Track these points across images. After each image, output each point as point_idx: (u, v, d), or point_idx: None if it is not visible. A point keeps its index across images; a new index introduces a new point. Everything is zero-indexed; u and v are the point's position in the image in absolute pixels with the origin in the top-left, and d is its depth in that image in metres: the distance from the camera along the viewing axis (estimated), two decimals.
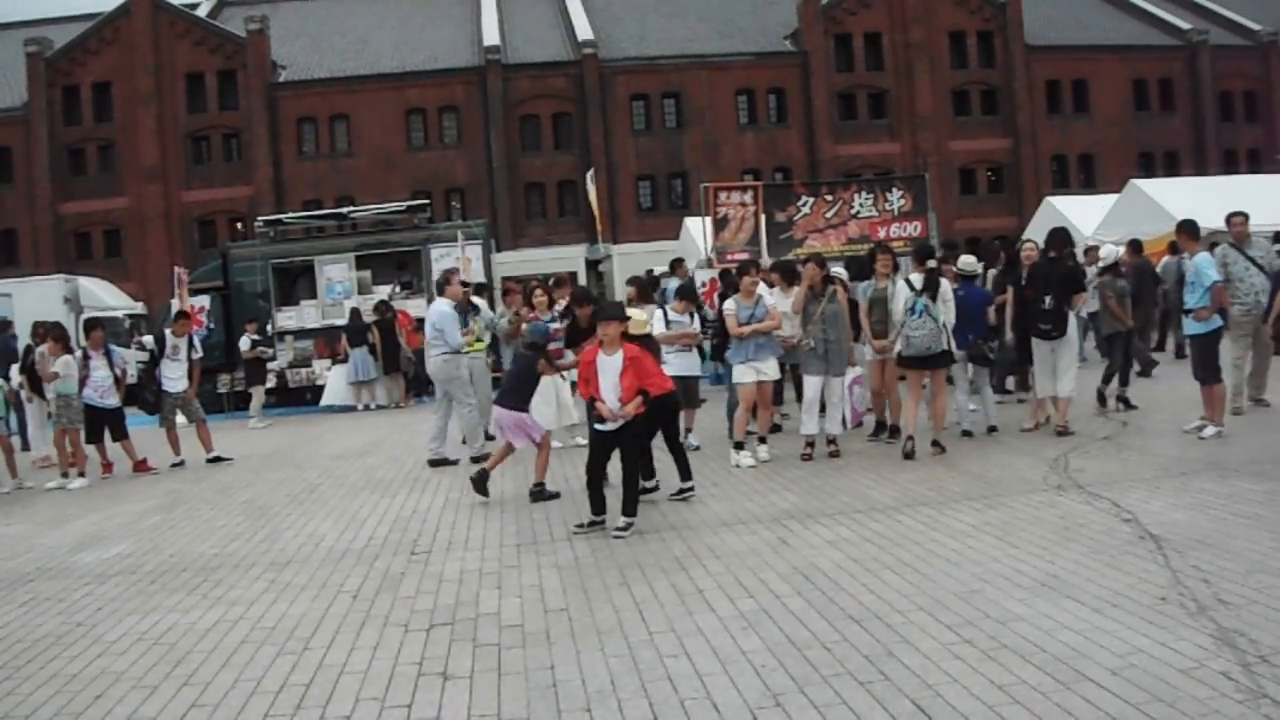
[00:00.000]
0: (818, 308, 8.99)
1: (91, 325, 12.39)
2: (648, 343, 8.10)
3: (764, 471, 8.55)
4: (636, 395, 6.72)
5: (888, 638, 4.34)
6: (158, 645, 5.01)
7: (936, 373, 8.98)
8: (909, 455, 8.51)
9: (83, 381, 11.20)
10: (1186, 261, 9.26)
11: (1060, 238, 10.11)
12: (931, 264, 9.52)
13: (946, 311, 8.87)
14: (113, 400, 11.43)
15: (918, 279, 8.96)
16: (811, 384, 8.99)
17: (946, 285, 9.09)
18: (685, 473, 7.61)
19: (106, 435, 11.40)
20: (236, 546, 7.23)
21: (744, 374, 8.94)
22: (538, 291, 10.49)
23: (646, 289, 11.61)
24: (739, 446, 8.95)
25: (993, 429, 9.59)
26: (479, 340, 11.35)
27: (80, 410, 11.14)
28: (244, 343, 17.30)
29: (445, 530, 7.21)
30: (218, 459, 11.75)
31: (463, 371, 10.35)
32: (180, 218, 36.41)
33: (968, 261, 10.05)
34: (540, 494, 8.00)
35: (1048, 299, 9.20)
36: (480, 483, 8.07)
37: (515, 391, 8.10)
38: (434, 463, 10.13)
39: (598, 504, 6.88)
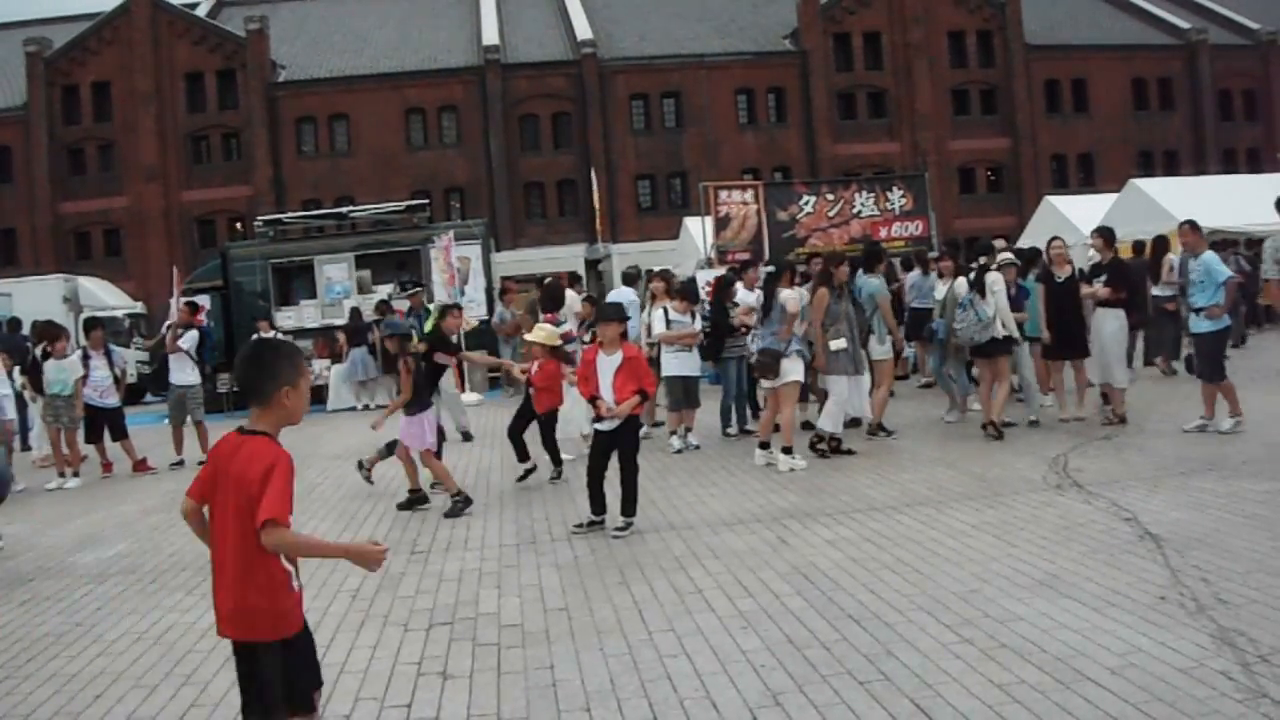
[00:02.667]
0: (841, 307, 9.03)
1: (92, 325, 12.38)
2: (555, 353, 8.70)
3: (764, 471, 8.55)
4: (634, 395, 6.72)
5: (887, 637, 4.34)
6: (157, 645, 5.01)
7: (994, 361, 9.40)
8: (997, 437, 9.19)
9: (82, 381, 11.18)
10: (1191, 260, 9.26)
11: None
12: (984, 260, 10.04)
13: (995, 304, 9.32)
14: (112, 400, 11.42)
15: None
16: (841, 384, 9.00)
17: (994, 279, 9.49)
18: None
19: (106, 435, 11.39)
20: None
21: (801, 370, 8.77)
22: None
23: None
24: (788, 450, 8.56)
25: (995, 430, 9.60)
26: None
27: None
28: None
29: (445, 530, 7.21)
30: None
31: None
32: (180, 217, 36.40)
33: (1005, 259, 10.30)
34: (414, 503, 8.01)
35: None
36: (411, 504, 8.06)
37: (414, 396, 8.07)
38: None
39: (598, 504, 6.88)
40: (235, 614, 2.90)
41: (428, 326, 11.96)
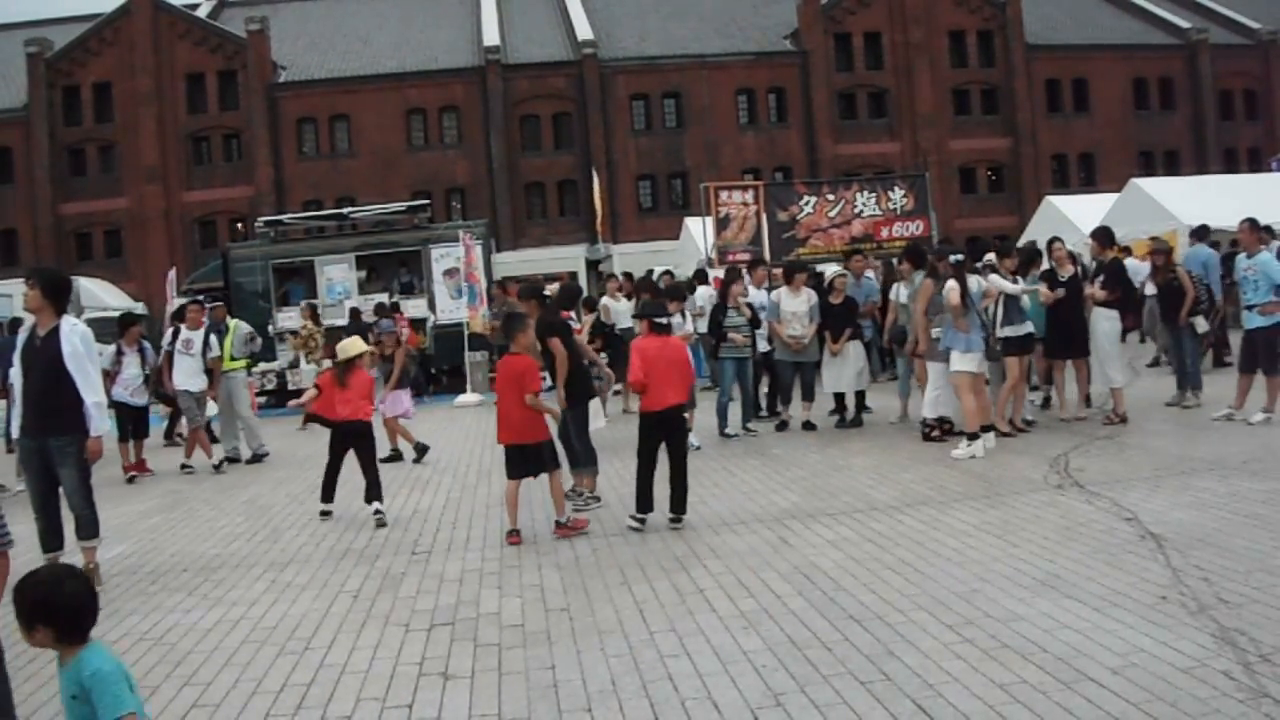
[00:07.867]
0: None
1: (129, 321, 11.88)
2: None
3: (764, 471, 8.55)
4: None
5: (888, 637, 4.34)
6: (159, 645, 5.02)
7: (1022, 359, 9.47)
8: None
9: (113, 378, 10.81)
10: (1244, 258, 9.31)
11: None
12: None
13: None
14: (141, 399, 11.26)
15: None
16: (939, 370, 9.14)
17: (990, 281, 9.63)
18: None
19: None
20: (237, 546, 7.23)
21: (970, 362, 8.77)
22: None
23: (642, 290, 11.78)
24: (977, 435, 8.46)
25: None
26: (233, 359, 11.65)
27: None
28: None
29: (446, 530, 7.21)
30: (219, 465, 11.64)
31: None
32: (181, 218, 36.39)
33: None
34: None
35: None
36: None
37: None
38: None
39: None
40: None
41: (228, 343, 11.78)
